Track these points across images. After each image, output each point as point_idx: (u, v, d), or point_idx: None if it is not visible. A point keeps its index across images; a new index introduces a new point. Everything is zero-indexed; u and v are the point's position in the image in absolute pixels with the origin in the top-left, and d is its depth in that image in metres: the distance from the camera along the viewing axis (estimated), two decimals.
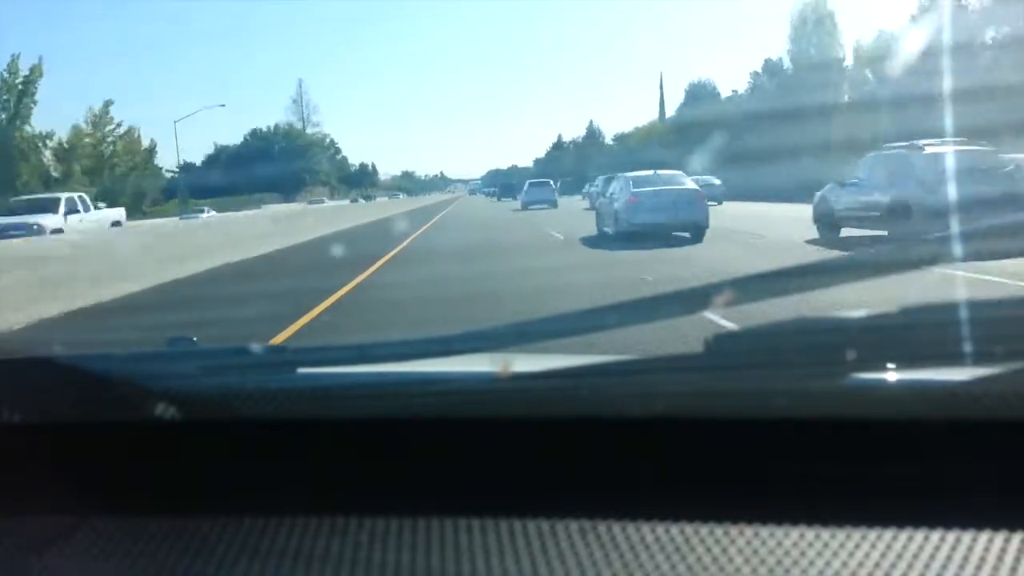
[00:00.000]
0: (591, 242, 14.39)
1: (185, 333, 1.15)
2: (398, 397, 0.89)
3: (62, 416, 0.91)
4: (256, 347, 0.97)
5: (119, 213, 22.90)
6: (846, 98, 40.46)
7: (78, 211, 19.38)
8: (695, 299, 0.89)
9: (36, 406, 0.90)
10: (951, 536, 0.70)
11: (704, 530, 0.73)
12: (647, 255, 11.26)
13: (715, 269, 8.89)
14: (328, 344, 0.94)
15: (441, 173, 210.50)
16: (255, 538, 0.78)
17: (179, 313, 7.87)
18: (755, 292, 0.91)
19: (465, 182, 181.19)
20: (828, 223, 12.54)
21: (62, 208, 18.86)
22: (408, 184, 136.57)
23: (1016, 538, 0.69)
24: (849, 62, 45.37)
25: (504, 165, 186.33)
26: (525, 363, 0.89)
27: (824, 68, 42.27)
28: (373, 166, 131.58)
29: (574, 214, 25.85)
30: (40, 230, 16.26)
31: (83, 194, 22.01)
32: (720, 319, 3.15)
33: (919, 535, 0.70)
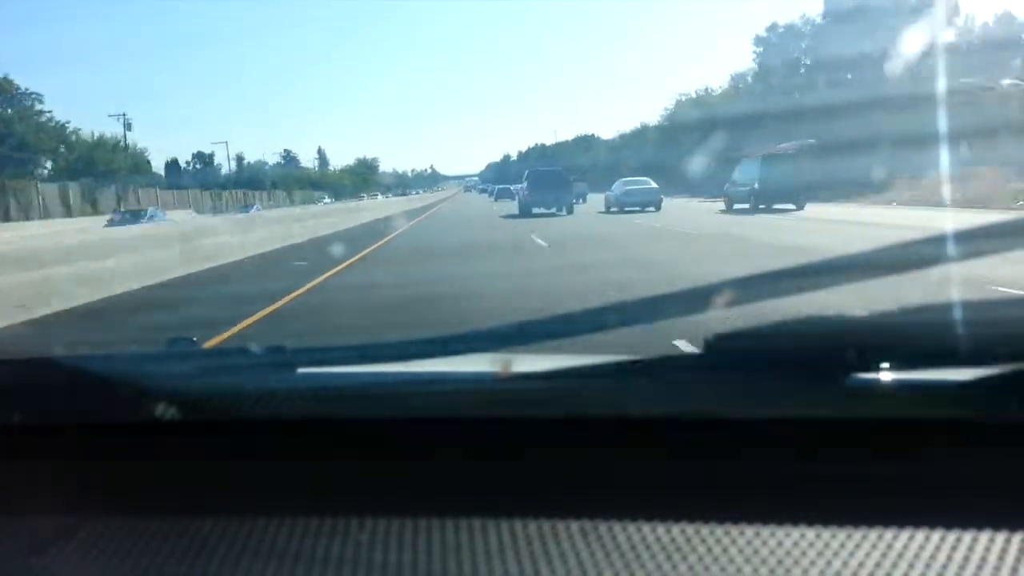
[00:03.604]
0: None
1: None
2: (398, 397, 0.89)
3: (62, 416, 0.91)
4: (256, 347, 0.97)
5: None
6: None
7: None
8: (695, 299, 0.89)
9: (36, 406, 0.90)
10: (951, 536, 0.70)
11: (704, 530, 0.73)
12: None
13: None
14: (328, 344, 0.94)
15: (431, 168, 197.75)
16: (255, 538, 0.77)
17: None
18: (755, 292, 0.91)
19: (461, 178, 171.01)
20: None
21: None
22: (348, 180, 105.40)
23: (1016, 538, 0.69)
24: None
25: (502, 161, 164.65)
26: (525, 363, 0.89)
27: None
28: (322, 153, 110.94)
29: None
30: None
31: None
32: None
33: (919, 535, 0.70)
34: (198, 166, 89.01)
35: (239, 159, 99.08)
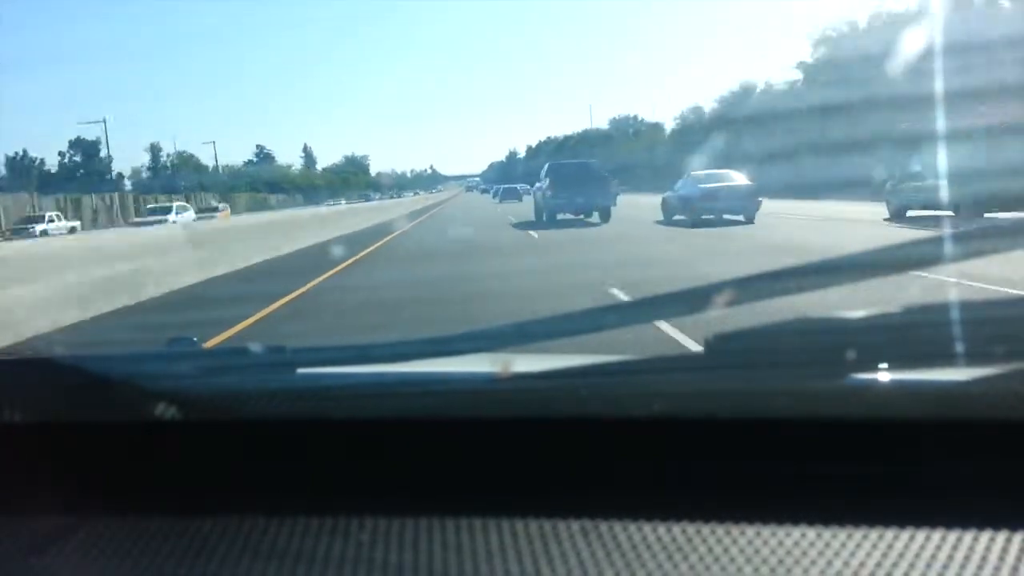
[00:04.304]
0: None
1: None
2: (398, 397, 0.89)
3: (62, 416, 0.91)
4: (256, 347, 0.97)
5: None
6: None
7: None
8: (695, 299, 0.89)
9: (36, 406, 0.90)
10: (951, 536, 0.70)
11: (705, 530, 0.73)
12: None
13: None
14: (328, 344, 0.94)
15: (431, 168, 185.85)
16: (255, 538, 0.78)
17: None
18: (755, 292, 0.91)
19: (462, 178, 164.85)
20: None
21: None
22: (321, 181, 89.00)
23: (1016, 538, 0.69)
24: None
25: (507, 160, 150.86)
26: (525, 363, 0.89)
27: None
28: (308, 151, 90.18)
29: None
30: None
31: None
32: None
33: (919, 535, 0.70)
34: (76, 158, 65.83)
35: (154, 151, 76.89)
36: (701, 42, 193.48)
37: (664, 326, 5.02)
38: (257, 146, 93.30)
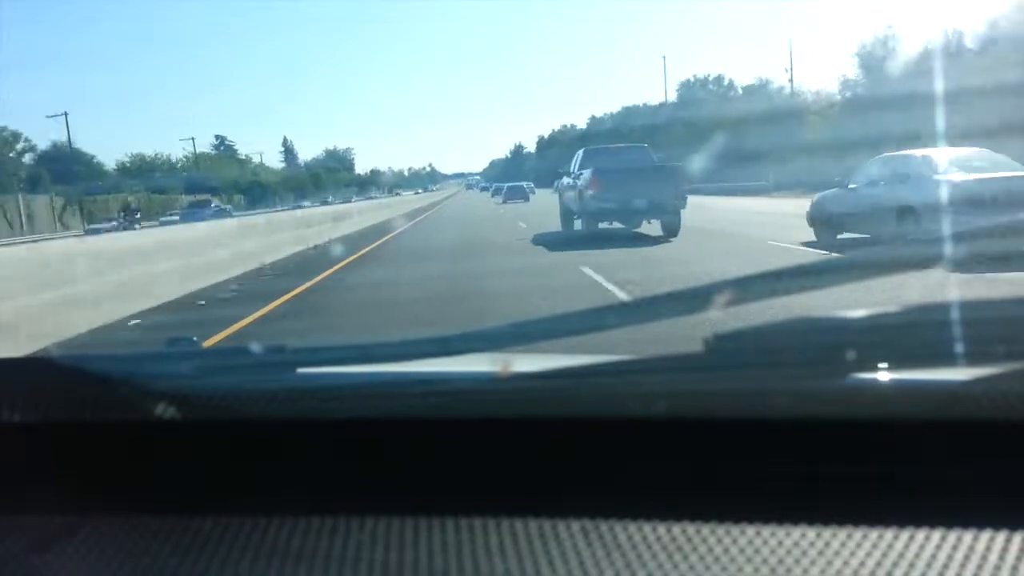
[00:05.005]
0: None
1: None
2: (398, 397, 0.89)
3: (62, 416, 0.91)
4: (256, 347, 0.97)
5: None
6: None
7: None
8: (696, 299, 0.89)
9: (36, 406, 0.90)
10: (951, 536, 0.70)
11: (705, 530, 0.73)
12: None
13: None
14: (328, 344, 0.94)
15: (430, 166, 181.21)
16: (255, 538, 0.78)
17: None
18: (755, 292, 0.91)
19: (463, 176, 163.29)
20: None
21: None
22: (273, 178, 72.77)
23: (1016, 538, 0.69)
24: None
25: (513, 155, 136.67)
26: (525, 363, 0.89)
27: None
28: (288, 145, 75.66)
29: None
30: None
31: None
32: None
33: (919, 535, 0.70)
34: None
35: None
36: None
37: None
38: (216, 136, 76.68)
